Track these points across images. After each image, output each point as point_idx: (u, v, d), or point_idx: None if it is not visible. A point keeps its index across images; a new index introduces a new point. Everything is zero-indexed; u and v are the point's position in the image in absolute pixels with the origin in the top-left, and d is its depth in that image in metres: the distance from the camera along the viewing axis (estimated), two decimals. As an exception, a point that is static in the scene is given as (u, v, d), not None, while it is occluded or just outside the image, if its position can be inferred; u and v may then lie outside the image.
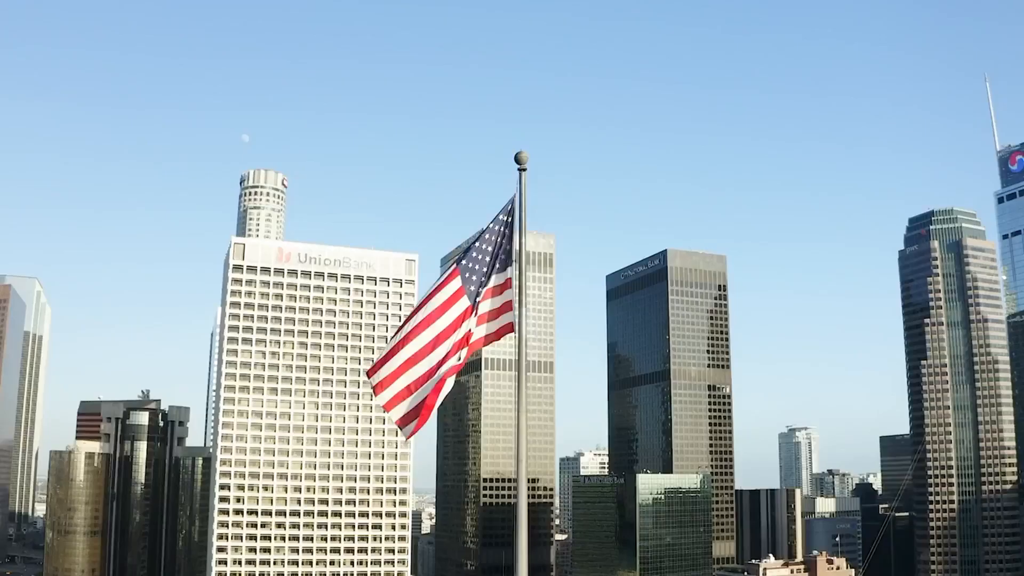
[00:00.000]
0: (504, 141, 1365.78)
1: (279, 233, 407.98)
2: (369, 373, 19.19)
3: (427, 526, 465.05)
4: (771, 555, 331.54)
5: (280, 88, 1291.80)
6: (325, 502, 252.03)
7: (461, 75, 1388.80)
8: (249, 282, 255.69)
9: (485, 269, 19.21)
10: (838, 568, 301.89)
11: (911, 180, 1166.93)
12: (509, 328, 19.33)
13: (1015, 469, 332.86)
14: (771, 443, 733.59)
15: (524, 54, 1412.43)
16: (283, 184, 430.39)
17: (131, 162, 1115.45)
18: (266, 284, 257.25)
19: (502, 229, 19.24)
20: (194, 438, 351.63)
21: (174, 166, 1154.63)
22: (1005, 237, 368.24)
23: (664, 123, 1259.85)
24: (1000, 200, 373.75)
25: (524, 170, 19.98)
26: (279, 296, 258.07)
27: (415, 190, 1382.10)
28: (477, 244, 19.33)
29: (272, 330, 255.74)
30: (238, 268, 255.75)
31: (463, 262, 19.31)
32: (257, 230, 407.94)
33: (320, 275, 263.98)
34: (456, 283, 19.13)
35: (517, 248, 19.33)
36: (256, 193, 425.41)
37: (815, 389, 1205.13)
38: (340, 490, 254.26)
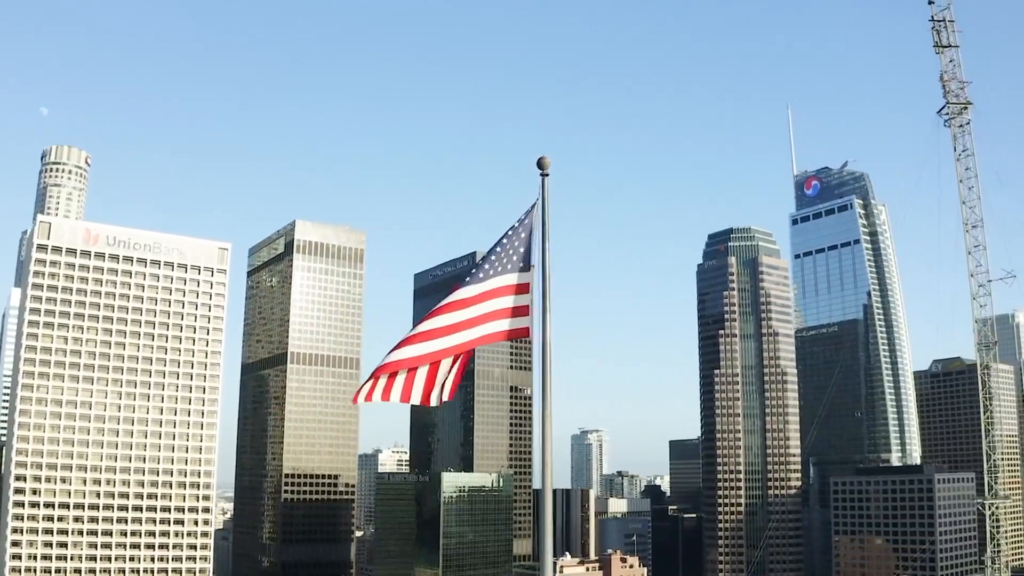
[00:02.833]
0: (323, 131, 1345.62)
1: (79, 213, 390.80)
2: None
3: (220, 521, 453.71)
4: (567, 553, 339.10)
5: (91, 67, 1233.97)
6: (126, 495, 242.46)
7: (272, 60, 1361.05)
8: (53, 263, 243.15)
9: (488, 268, 19.71)
10: (631, 566, 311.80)
11: (716, 197, 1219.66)
12: (522, 332, 19.61)
13: (799, 475, 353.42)
14: (564, 444, 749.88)
15: (340, 40, 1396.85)
16: (86, 162, 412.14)
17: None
18: (71, 266, 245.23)
19: (516, 232, 19.49)
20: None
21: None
22: (797, 257, 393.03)
23: (478, 122, 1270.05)
24: (794, 222, 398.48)
25: (547, 175, 20.46)
26: (84, 279, 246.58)
27: (227, 179, 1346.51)
28: (495, 248, 19.76)
29: (76, 315, 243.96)
30: (42, 248, 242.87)
31: (479, 266, 19.91)
32: (57, 208, 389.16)
33: (129, 259, 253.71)
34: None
35: (540, 254, 19.46)
36: (57, 170, 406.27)
37: (609, 392, 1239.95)
38: (141, 483, 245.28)
